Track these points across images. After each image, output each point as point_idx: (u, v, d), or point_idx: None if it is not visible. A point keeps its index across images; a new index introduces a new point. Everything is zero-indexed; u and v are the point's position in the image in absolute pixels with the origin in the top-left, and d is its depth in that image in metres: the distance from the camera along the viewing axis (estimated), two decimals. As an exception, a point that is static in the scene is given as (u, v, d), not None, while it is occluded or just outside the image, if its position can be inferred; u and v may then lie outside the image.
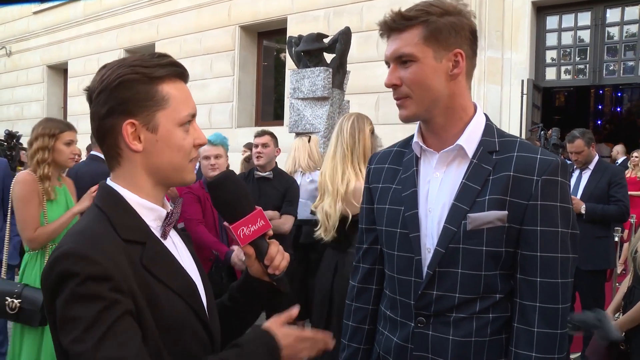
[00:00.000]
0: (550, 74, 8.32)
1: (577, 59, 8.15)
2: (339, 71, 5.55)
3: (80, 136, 3.00)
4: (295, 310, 1.17)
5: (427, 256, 1.34)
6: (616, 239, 4.49)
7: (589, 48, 8.01)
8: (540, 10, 8.11)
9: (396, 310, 1.43)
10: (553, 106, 13.89)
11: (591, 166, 4.37)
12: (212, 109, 10.63)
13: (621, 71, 7.98)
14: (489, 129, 1.37)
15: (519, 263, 1.31)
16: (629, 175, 7.10)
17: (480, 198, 1.29)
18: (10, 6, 15.10)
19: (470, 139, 1.34)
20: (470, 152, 1.33)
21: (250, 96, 10.97)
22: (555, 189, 1.27)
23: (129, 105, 1.03)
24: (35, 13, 15.22)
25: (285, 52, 9.84)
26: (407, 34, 1.29)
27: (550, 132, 6.35)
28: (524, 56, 7.82)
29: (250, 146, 5.19)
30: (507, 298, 1.34)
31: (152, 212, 1.09)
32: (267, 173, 4.07)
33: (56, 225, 2.82)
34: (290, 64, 7.50)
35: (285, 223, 3.92)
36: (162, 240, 1.10)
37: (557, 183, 1.28)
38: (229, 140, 3.97)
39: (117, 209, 1.05)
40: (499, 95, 7.85)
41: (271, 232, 1.19)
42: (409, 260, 1.37)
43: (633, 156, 7.81)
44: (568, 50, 8.20)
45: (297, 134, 5.35)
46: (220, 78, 10.82)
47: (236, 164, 6.47)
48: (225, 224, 1.18)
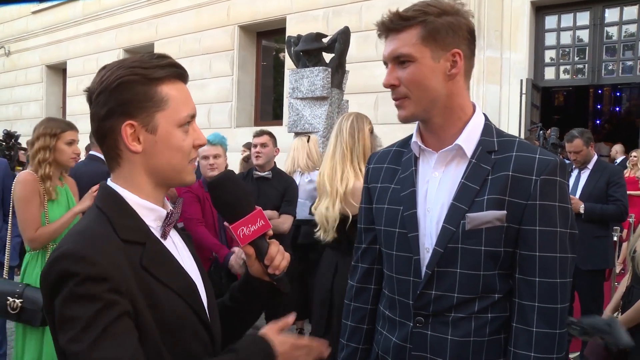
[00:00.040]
0: (549, 73, 8.32)
1: (576, 58, 8.16)
2: (338, 71, 5.54)
3: (79, 136, 3.00)
4: (291, 317, 1.17)
5: (426, 256, 1.34)
6: (615, 239, 4.50)
7: (587, 48, 8.02)
8: (539, 10, 8.11)
9: (395, 310, 1.43)
10: (552, 106, 13.91)
11: (590, 166, 4.37)
12: (211, 108, 10.63)
13: (620, 71, 7.98)
14: (488, 128, 1.37)
15: (518, 263, 1.31)
16: (627, 175, 7.10)
17: (479, 198, 1.29)
18: (9, 6, 15.09)
19: (469, 138, 1.34)
20: (469, 152, 1.33)
21: (249, 96, 10.96)
22: (554, 189, 1.27)
23: (128, 107, 1.04)
24: (34, 13, 15.20)
25: (284, 52, 9.83)
26: (405, 34, 1.29)
27: (549, 132, 6.34)
28: (522, 56, 7.82)
29: (249, 146, 5.19)
30: (506, 298, 1.34)
31: (152, 213, 1.09)
32: (266, 173, 4.08)
33: (57, 225, 2.81)
34: (289, 63, 7.50)
35: (284, 223, 3.92)
36: (162, 240, 1.10)
37: (556, 183, 1.28)
38: (228, 140, 3.97)
39: (117, 209, 1.05)
40: (498, 95, 7.85)
41: (271, 232, 1.20)
42: (408, 260, 1.37)
43: (632, 156, 7.81)
44: (567, 50, 8.21)
45: (296, 134, 5.35)
46: (219, 78, 10.81)
47: (235, 164, 6.47)
48: (225, 224, 1.18)
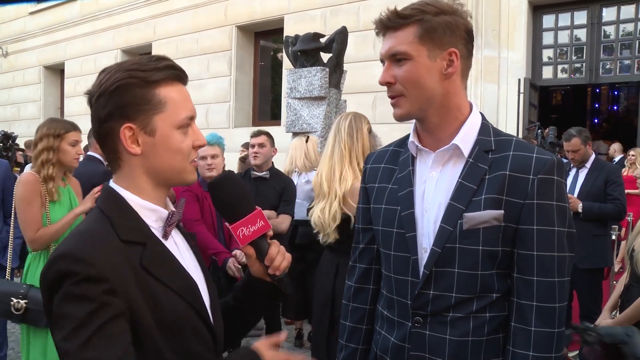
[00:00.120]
0: (547, 72, 8.33)
1: (574, 57, 8.18)
2: (336, 71, 5.54)
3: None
4: (283, 335, 1.19)
5: (424, 256, 1.34)
6: (613, 237, 4.49)
7: (585, 47, 8.04)
8: (537, 9, 8.12)
9: (393, 310, 1.43)
10: (550, 105, 13.93)
11: (588, 165, 4.38)
12: (209, 109, 10.62)
13: (617, 70, 7.99)
14: (485, 128, 1.37)
15: (516, 262, 1.31)
16: (625, 174, 7.11)
17: (476, 197, 1.29)
18: (7, 6, 15.07)
19: (466, 138, 1.34)
20: (466, 152, 1.33)
21: (247, 96, 10.96)
22: (551, 188, 1.28)
23: (126, 110, 1.04)
24: (31, 13, 15.18)
25: (282, 52, 9.83)
26: (402, 32, 1.29)
27: (547, 131, 6.35)
28: (520, 55, 7.83)
29: (247, 146, 5.19)
30: (504, 297, 1.34)
31: (154, 213, 1.10)
32: (264, 173, 4.08)
33: (58, 226, 2.80)
34: (287, 63, 7.49)
35: (283, 222, 3.92)
36: (163, 240, 1.11)
37: (553, 182, 1.28)
38: (226, 140, 3.97)
39: (118, 210, 1.06)
40: (496, 94, 7.86)
41: (271, 233, 1.20)
42: (406, 260, 1.37)
43: (630, 154, 7.82)
44: (564, 49, 8.22)
45: (294, 134, 5.35)
46: (217, 78, 10.80)
47: (234, 164, 6.46)
48: (225, 224, 1.19)
